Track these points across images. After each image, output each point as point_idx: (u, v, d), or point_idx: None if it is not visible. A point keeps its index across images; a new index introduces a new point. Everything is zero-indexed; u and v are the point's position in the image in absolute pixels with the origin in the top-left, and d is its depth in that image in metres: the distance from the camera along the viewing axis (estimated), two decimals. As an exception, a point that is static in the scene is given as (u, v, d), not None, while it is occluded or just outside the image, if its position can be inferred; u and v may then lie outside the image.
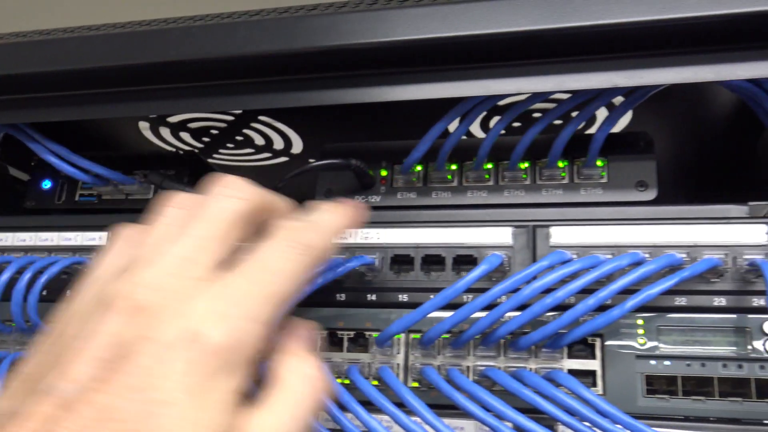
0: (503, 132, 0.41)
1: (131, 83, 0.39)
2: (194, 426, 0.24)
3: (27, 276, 0.42)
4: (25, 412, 0.23)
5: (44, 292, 0.43)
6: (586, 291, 0.35)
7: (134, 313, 0.25)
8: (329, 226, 0.31)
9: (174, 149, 0.63)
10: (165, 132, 0.61)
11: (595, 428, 0.33)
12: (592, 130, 0.48)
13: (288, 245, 0.29)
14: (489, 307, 0.35)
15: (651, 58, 0.35)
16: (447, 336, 0.39)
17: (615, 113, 0.39)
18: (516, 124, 0.53)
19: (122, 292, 0.25)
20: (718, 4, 0.32)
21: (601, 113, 0.54)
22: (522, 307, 0.35)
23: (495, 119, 0.55)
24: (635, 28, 0.33)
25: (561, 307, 0.35)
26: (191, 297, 0.26)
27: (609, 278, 0.35)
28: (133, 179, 0.48)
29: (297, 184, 0.50)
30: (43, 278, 0.42)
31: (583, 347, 0.38)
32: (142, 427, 0.23)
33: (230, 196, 0.29)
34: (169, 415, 0.23)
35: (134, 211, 0.48)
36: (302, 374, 0.28)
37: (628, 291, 0.35)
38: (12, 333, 0.46)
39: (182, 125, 0.59)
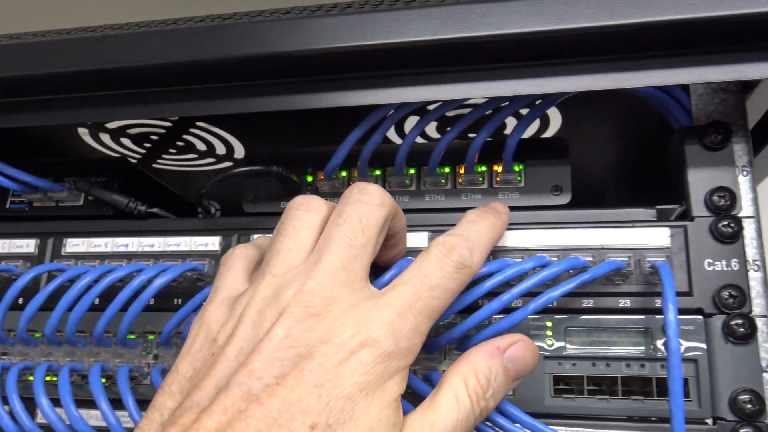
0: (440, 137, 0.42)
1: (43, 92, 0.40)
2: (372, 419, 0.27)
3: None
4: (210, 406, 0.26)
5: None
6: (494, 294, 0.36)
7: (308, 319, 0.28)
8: (484, 240, 0.34)
9: (114, 155, 0.63)
10: (105, 138, 0.61)
11: (496, 428, 0.34)
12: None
13: (448, 263, 0.31)
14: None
15: (552, 67, 0.36)
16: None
17: (524, 120, 0.40)
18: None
19: (294, 299, 0.28)
20: (610, 15, 0.33)
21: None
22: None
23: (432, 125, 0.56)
24: (534, 38, 0.34)
25: (470, 310, 0.36)
26: (360, 305, 0.28)
27: (519, 281, 0.36)
28: (62, 186, 0.48)
29: (227, 190, 0.51)
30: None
31: (495, 349, 0.39)
32: (327, 419, 0.26)
33: (374, 204, 0.31)
34: (350, 409, 0.26)
35: (65, 218, 0.48)
36: (465, 383, 0.30)
37: (536, 294, 0.36)
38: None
39: (122, 131, 0.59)
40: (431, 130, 0.57)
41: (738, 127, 0.40)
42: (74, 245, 0.45)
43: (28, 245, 0.46)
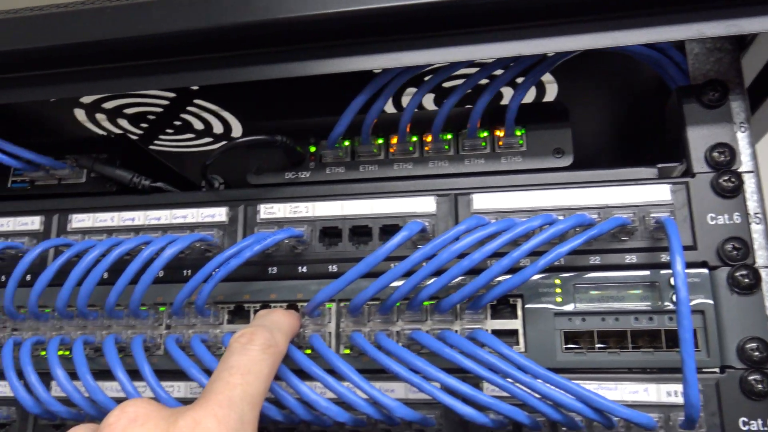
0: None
1: (42, 67, 0.40)
2: None
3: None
4: None
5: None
6: (503, 253, 0.36)
7: None
8: (280, 325, 0.36)
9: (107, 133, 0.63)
10: (102, 118, 0.61)
11: (516, 383, 0.35)
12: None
13: (252, 348, 0.33)
14: (411, 273, 0.37)
15: (553, 27, 0.36)
16: (377, 303, 0.40)
17: (525, 83, 0.41)
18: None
19: None
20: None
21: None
22: (441, 271, 0.36)
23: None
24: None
25: (479, 270, 0.37)
26: (186, 415, 0.29)
27: (526, 240, 0.37)
28: (65, 164, 0.48)
29: (229, 164, 0.51)
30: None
31: (506, 308, 0.40)
32: None
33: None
34: None
35: (67, 195, 0.48)
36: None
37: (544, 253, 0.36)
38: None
39: (118, 111, 0.59)
40: (429, 103, 0.58)
41: (734, 85, 0.41)
42: (80, 221, 0.45)
43: (33, 222, 0.46)
